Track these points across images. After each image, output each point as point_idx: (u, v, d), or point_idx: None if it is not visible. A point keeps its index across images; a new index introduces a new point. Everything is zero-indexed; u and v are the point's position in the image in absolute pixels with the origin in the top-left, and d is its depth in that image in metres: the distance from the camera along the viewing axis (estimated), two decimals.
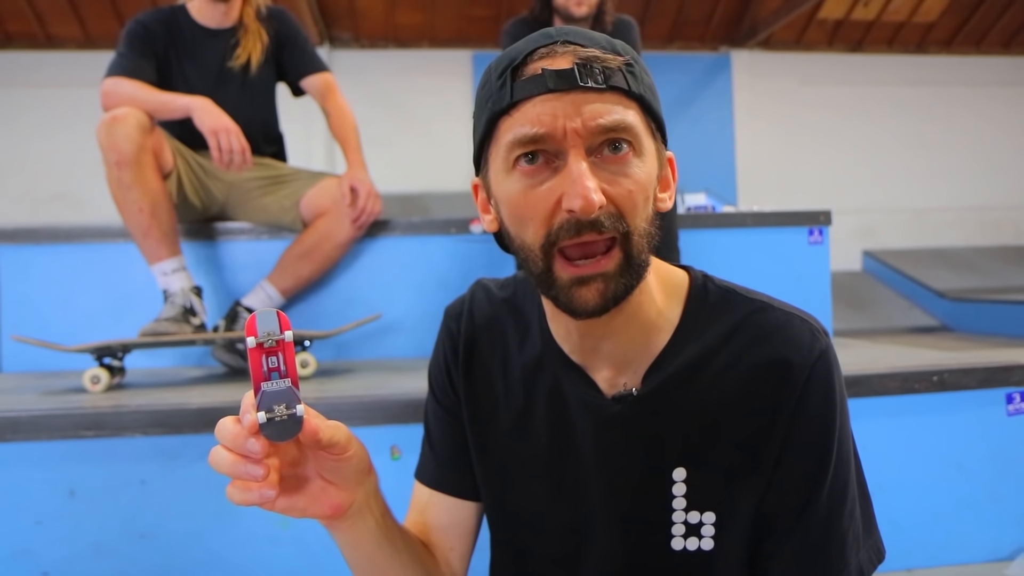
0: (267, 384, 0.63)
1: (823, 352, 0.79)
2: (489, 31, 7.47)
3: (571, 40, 0.73)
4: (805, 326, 0.81)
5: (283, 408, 0.62)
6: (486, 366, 0.94)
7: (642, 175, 0.74)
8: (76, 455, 1.50)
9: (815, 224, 2.60)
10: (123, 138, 2.01)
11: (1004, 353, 2.06)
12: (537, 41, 0.74)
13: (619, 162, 0.73)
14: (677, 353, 0.83)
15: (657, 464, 0.83)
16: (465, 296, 1.00)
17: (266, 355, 0.63)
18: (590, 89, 0.71)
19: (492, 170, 0.78)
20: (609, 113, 0.71)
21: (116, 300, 2.37)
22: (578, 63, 0.71)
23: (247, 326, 0.64)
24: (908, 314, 7.36)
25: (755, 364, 0.80)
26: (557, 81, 0.71)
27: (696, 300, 0.85)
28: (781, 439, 0.79)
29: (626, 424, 0.84)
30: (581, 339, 0.84)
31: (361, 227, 2.31)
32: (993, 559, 1.75)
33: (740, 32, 8.05)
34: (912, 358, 1.97)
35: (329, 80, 2.50)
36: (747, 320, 0.82)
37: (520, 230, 0.76)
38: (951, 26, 8.54)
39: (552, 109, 0.71)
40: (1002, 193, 9.03)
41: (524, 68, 0.73)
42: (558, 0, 2.55)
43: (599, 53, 0.72)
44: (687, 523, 0.83)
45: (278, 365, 0.63)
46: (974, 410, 1.75)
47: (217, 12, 2.34)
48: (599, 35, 0.76)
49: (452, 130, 8.07)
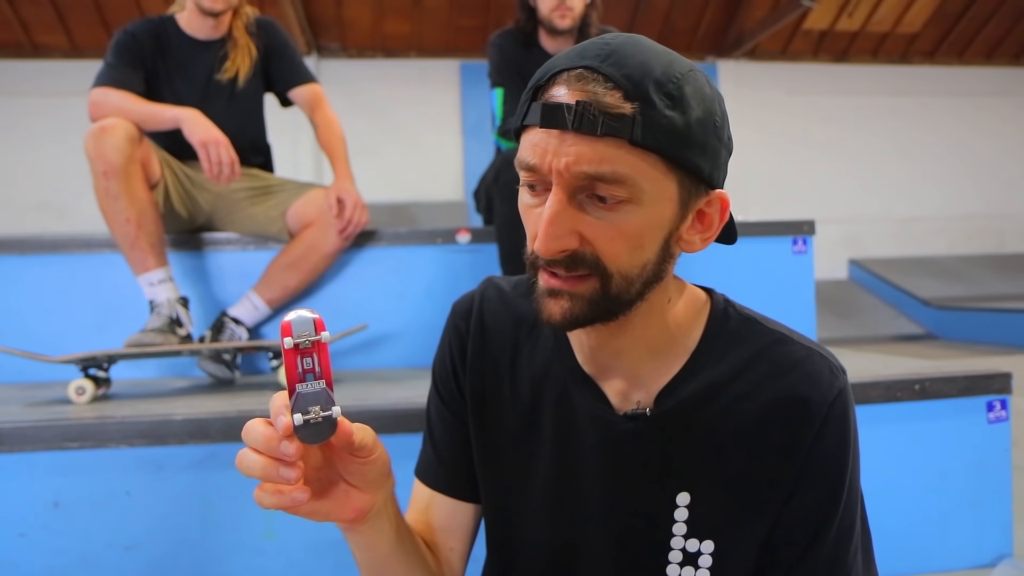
0: (302, 385, 0.63)
1: (841, 390, 0.80)
2: (477, 41, 7.50)
3: (598, 69, 0.68)
4: (824, 363, 0.80)
5: (318, 410, 0.62)
6: (494, 366, 0.92)
7: (634, 223, 0.71)
8: (61, 466, 1.49)
9: (799, 234, 2.61)
10: (111, 148, 2.01)
11: (985, 361, 2.08)
12: (570, 60, 0.71)
13: (607, 209, 0.70)
14: (693, 376, 0.82)
15: (662, 486, 0.83)
16: (475, 293, 0.97)
17: (301, 356, 0.63)
18: (584, 134, 0.67)
19: None
20: (597, 162, 0.68)
21: (102, 311, 2.36)
22: (578, 104, 0.67)
23: (282, 327, 0.63)
24: (894, 322, 7.42)
25: (772, 397, 0.79)
26: (550, 119, 0.69)
27: (716, 325, 0.84)
28: (794, 475, 0.79)
29: (635, 443, 0.83)
30: (593, 352, 0.84)
31: (348, 238, 2.32)
32: (975, 566, 1.77)
33: (726, 42, 8.12)
34: (895, 367, 1.99)
35: (317, 91, 2.51)
36: (766, 351, 0.82)
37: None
38: (934, 37, 8.64)
39: (544, 143, 0.69)
40: (986, 202, 9.12)
41: (544, 90, 0.72)
42: (542, 12, 2.57)
43: (607, 97, 0.67)
44: (685, 551, 0.83)
45: (313, 367, 0.63)
46: (955, 418, 1.77)
47: (206, 24, 2.34)
48: (638, 64, 0.69)
49: (440, 140, 8.09)
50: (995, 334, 6.20)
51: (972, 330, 6.59)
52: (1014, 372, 1.82)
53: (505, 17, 5.31)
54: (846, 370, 0.82)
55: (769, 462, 0.79)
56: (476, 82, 7.70)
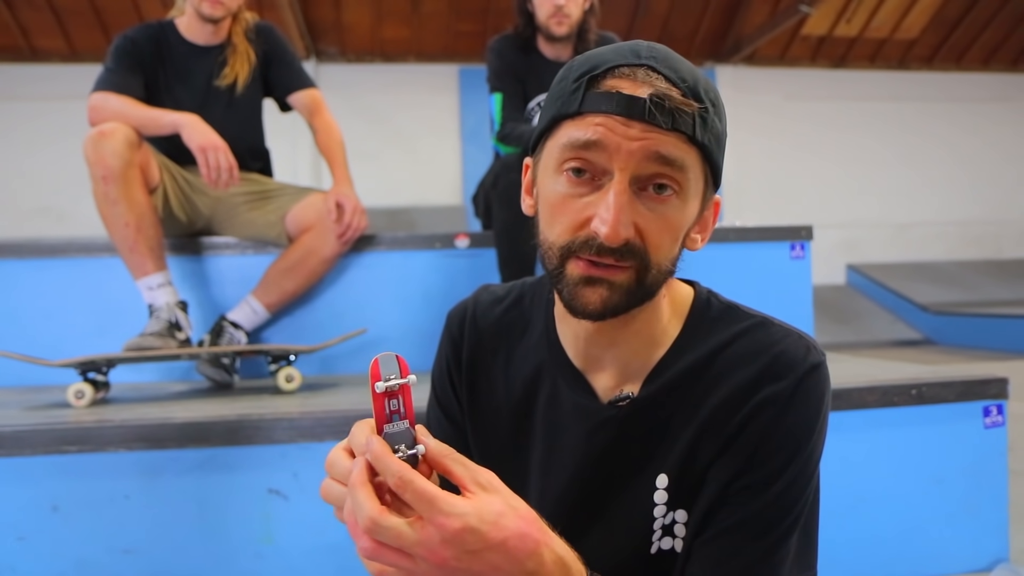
0: (389, 426, 0.65)
1: (816, 365, 0.80)
2: (475, 46, 7.51)
3: (656, 68, 0.73)
4: (803, 342, 0.82)
5: (404, 448, 0.64)
6: (489, 371, 0.94)
7: (679, 218, 0.75)
8: (59, 470, 1.50)
9: (797, 239, 2.62)
10: (110, 153, 2.02)
11: (981, 366, 2.09)
12: (624, 56, 0.74)
13: (659, 201, 0.73)
14: (674, 362, 0.84)
15: (642, 470, 0.84)
16: (468, 301, 1.00)
17: (388, 398, 0.65)
18: (655, 126, 0.71)
19: (543, 163, 0.79)
20: (670, 147, 0.71)
21: (101, 315, 2.36)
22: (653, 97, 0.70)
23: (372, 371, 0.65)
24: (892, 327, 7.42)
25: (746, 375, 0.80)
26: (626, 108, 0.71)
27: (697, 314, 0.87)
28: (755, 442, 0.79)
29: (617, 428, 0.85)
30: (587, 345, 0.85)
31: (347, 242, 2.32)
32: (972, 570, 1.77)
33: (725, 48, 8.14)
34: (892, 372, 2.00)
35: (316, 96, 2.51)
36: (746, 332, 0.83)
37: (548, 227, 0.77)
38: (932, 43, 8.66)
39: (612, 127, 0.71)
40: (983, 207, 9.14)
41: (601, 80, 0.73)
42: (540, 18, 2.57)
43: (676, 94, 0.71)
44: (663, 525, 0.84)
45: (399, 408, 0.66)
46: (952, 423, 1.78)
47: (206, 30, 2.35)
48: (687, 69, 0.74)
49: (438, 144, 8.10)
50: (992, 339, 6.21)
51: (969, 335, 6.60)
52: (1011, 377, 1.83)
53: (504, 22, 5.32)
54: (825, 354, 0.83)
55: (738, 429, 0.79)
56: (475, 87, 7.71)
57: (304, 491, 1.56)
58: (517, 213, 2.62)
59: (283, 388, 2.01)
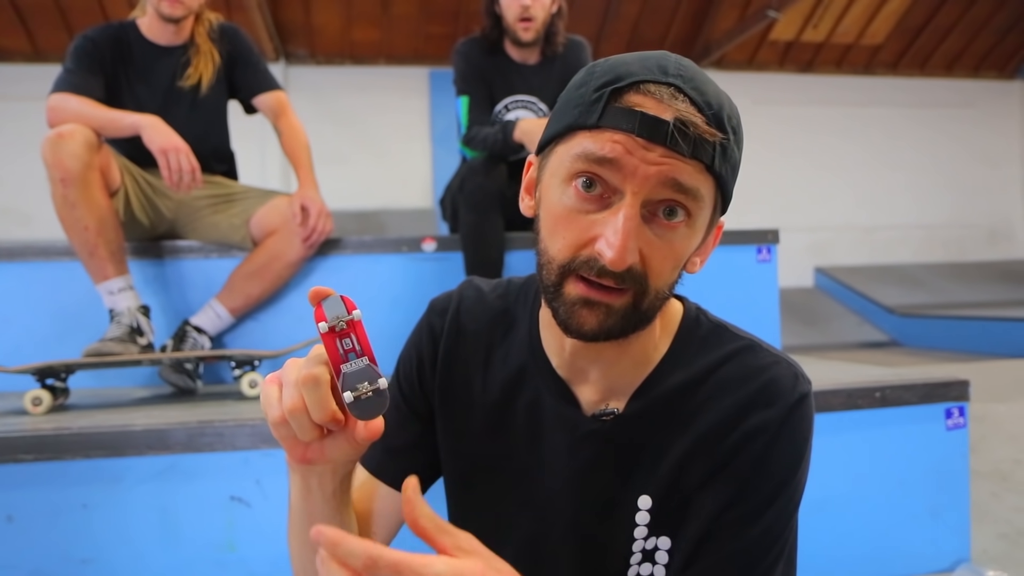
0: (346, 365, 0.64)
1: (803, 397, 0.81)
2: (446, 49, 7.49)
3: (683, 90, 0.70)
4: (790, 370, 0.82)
5: (367, 385, 0.64)
6: (466, 365, 0.93)
7: (685, 246, 0.74)
8: (15, 479, 1.47)
9: (763, 243, 2.64)
10: (68, 155, 1.98)
11: (944, 368, 2.11)
12: (651, 71, 0.71)
13: (668, 228, 0.72)
14: (662, 380, 0.83)
15: (625, 488, 0.84)
16: (453, 293, 0.98)
17: (339, 338, 0.65)
18: (676, 152, 0.69)
19: (550, 168, 0.77)
20: (688, 176, 0.70)
21: (60, 320, 2.32)
22: (677, 123, 0.68)
23: (315, 314, 0.65)
24: (858, 329, 7.50)
25: (736, 401, 0.80)
26: (649, 130, 0.68)
27: (686, 332, 0.86)
28: (744, 474, 0.79)
29: (601, 443, 0.84)
30: (572, 357, 0.84)
31: (312, 246, 2.30)
32: (934, 571, 1.79)
33: (694, 52, 8.18)
34: (856, 374, 2.01)
35: (281, 98, 2.49)
36: (734, 357, 0.83)
37: (550, 238, 0.75)
38: (896, 49, 8.79)
39: (631, 147, 0.69)
40: (948, 211, 9.28)
41: (624, 95, 0.70)
42: (507, 21, 2.57)
43: (701, 122, 0.69)
44: (644, 549, 0.83)
45: (353, 346, 0.65)
46: (915, 425, 1.80)
47: (167, 30, 2.32)
48: (713, 93, 0.72)
49: (408, 147, 8.06)
50: (956, 341, 6.30)
51: (934, 337, 6.69)
52: (973, 379, 1.86)
53: (474, 25, 5.31)
54: (811, 381, 0.83)
55: (723, 461, 0.79)
56: (445, 89, 7.67)
57: (267, 498, 1.54)
58: (483, 216, 2.62)
59: (247, 394, 1.99)
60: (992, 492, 2.25)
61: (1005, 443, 2.58)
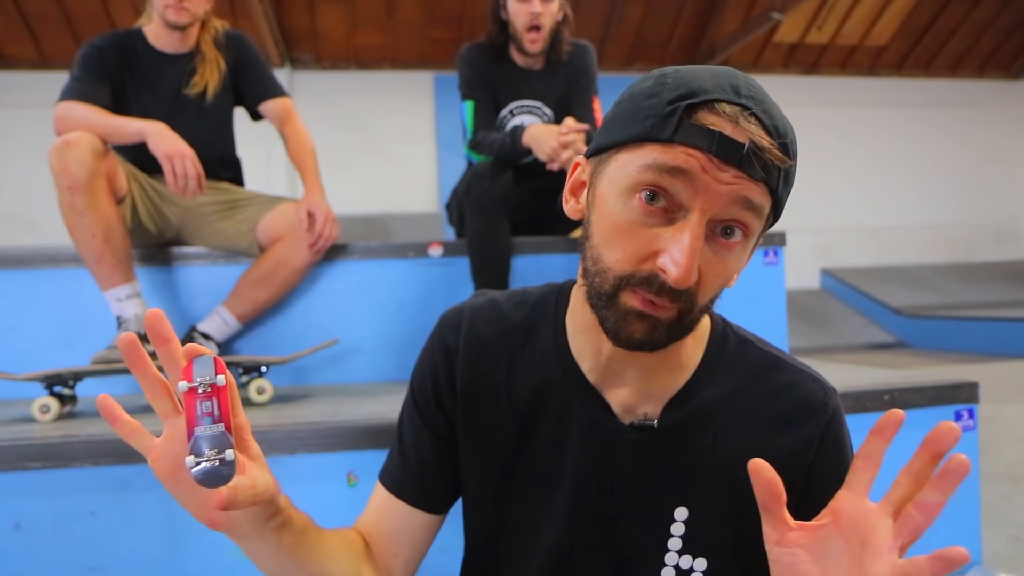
0: (199, 428, 0.63)
1: (835, 411, 0.84)
2: (451, 53, 7.49)
3: (756, 114, 0.70)
4: (817, 385, 0.84)
5: (214, 453, 0.62)
6: (488, 377, 0.92)
7: (736, 265, 0.75)
8: (23, 487, 1.46)
9: (770, 245, 2.63)
10: (75, 162, 1.99)
11: (952, 370, 2.10)
12: (723, 90, 0.70)
13: (725, 247, 0.72)
14: (696, 393, 0.84)
15: (661, 499, 0.84)
16: (464, 306, 0.96)
17: (200, 400, 0.63)
18: (748, 174, 0.69)
19: (608, 175, 0.75)
20: (756, 196, 0.70)
21: (68, 327, 2.32)
22: (752, 147, 0.68)
23: (183, 371, 0.63)
24: (865, 331, 7.48)
25: (772, 418, 0.83)
26: (726, 152, 0.68)
27: (716, 345, 0.87)
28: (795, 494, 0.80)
29: (639, 454, 0.84)
30: (609, 361, 0.84)
31: (318, 252, 2.30)
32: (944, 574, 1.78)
33: (698, 54, 8.18)
34: (864, 377, 2.00)
35: (287, 105, 2.49)
36: (763, 374, 0.85)
37: (605, 246, 0.74)
38: (901, 50, 8.77)
39: (707, 166, 0.69)
40: (954, 212, 9.25)
41: (699, 112, 0.70)
42: (516, 28, 2.56)
43: (773, 148, 0.69)
44: (678, 567, 0.83)
45: (212, 410, 0.63)
46: (924, 428, 1.77)
47: (173, 38, 2.32)
48: (780, 118, 0.72)
49: (414, 151, 8.08)
50: (963, 342, 6.29)
51: (941, 338, 6.67)
52: (981, 381, 1.84)
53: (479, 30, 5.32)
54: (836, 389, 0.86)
55: None
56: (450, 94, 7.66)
57: None
58: (490, 221, 2.61)
59: (254, 400, 1.99)
60: (1003, 495, 2.24)
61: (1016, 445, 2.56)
